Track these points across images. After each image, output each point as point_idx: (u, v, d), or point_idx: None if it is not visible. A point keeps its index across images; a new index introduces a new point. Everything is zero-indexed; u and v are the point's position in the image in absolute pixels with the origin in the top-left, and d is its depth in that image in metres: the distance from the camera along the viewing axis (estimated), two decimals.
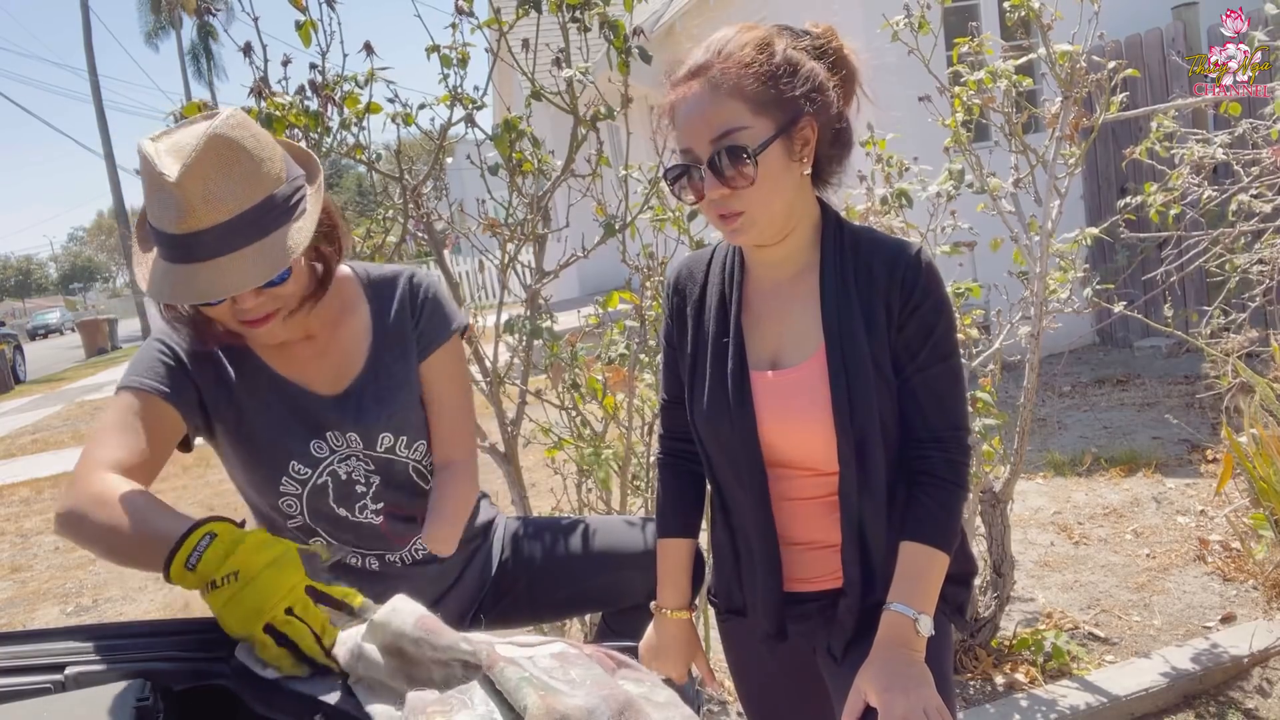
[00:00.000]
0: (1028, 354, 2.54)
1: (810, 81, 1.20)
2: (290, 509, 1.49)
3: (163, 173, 1.19)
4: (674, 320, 1.39)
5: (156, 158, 1.21)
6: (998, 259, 2.69)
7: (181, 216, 1.20)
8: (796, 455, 1.28)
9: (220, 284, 1.23)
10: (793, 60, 1.20)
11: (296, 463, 1.45)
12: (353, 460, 1.49)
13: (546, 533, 1.75)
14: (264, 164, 1.26)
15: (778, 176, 1.19)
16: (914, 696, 1.11)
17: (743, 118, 1.17)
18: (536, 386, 2.42)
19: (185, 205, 1.20)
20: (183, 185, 1.19)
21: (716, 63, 1.19)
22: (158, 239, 1.25)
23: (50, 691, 0.96)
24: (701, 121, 1.18)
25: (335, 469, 1.48)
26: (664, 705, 0.89)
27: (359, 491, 1.50)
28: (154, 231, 1.25)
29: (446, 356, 1.56)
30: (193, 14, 26.27)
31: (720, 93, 1.18)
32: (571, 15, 2.05)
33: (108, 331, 25.18)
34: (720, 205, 1.20)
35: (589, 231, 2.34)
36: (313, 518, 1.50)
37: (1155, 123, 2.81)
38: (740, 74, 1.17)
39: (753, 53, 1.18)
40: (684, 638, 1.44)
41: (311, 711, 0.93)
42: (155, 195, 1.22)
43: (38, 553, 5.36)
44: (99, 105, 26.29)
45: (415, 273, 1.57)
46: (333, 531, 1.52)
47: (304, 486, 1.47)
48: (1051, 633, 2.61)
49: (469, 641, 0.89)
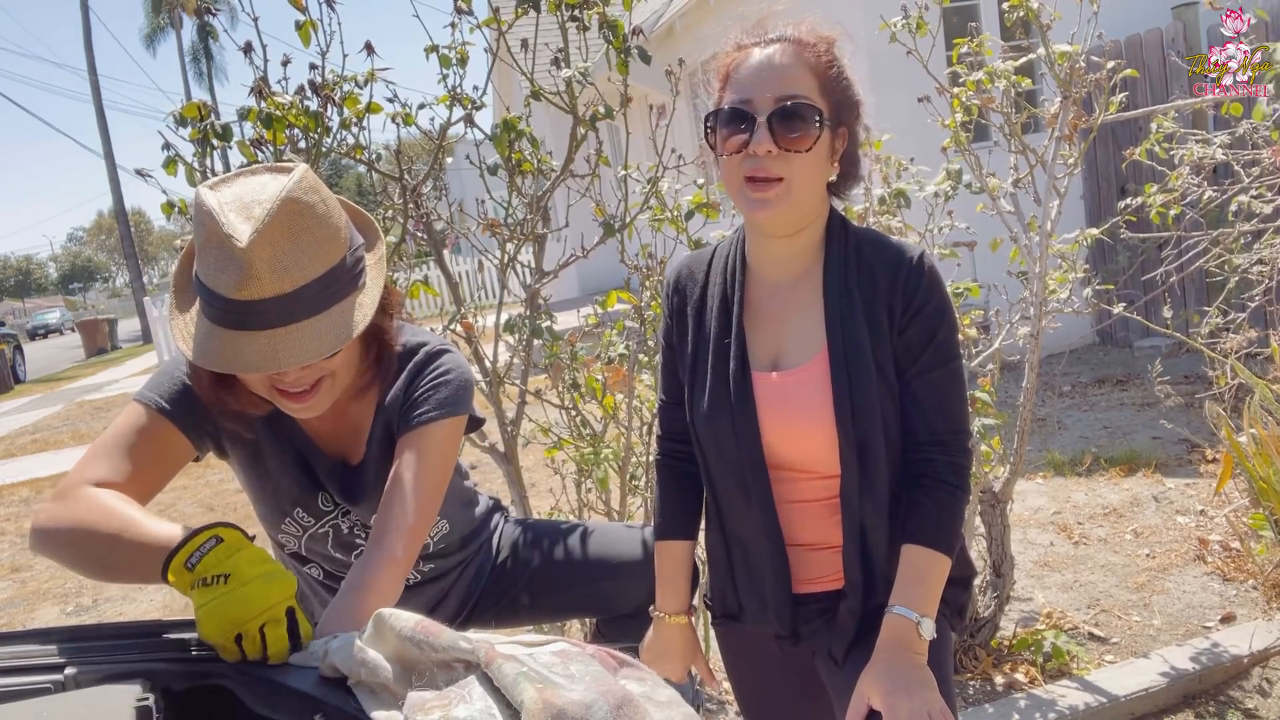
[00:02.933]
0: (1027, 354, 2.54)
1: (855, 97, 1.25)
2: (287, 543, 1.49)
3: (231, 235, 1.11)
4: (674, 320, 1.39)
5: (222, 214, 1.13)
6: (997, 259, 2.69)
7: (243, 283, 1.12)
8: (798, 457, 1.27)
9: (274, 357, 1.14)
10: (849, 72, 1.25)
11: (302, 510, 1.44)
12: (357, 522, 1.48)
13: (545, 538, 1.75)
14: (333, 233, 1.19)
15: (822, 161, 1.21)
16: (918, 699, 1.11)
17: (813, 95, 1.19)
18: (536, 386, 2.42)
19: (250, 272, 1.11)
20: (251, 251, 1.11)
21: (808, 39, 1.22)
22: (208, 298, 1.16)
23: (50, 691, 0.96)
24: (775, 78, 1.18)
25: (338, 523, 1.47)
26: (665, 704, 0.89)
27: (358, 543, 1.49)
28: (204, 290, 1.16)
29: (427, 438, 1.33)
30: (193, 14, 26.25)
31: (802, 63, 1.20)
32: (570, 15, 2.06)
33: (108, 331, 25.17)
34: (760, 166, 1.18)
35: (588, 231, 2.34)
36: (309, 553, 1.51)
37: (1155, 123, 2.81)
38: (823, 58, 1.21)
39: (827, 45, 1.23)
40: (684, 641, 1.43)
41: (311, 711, 0.93)
42: (215, 255, 1.13)
43: None
44: (99, 105, 26.27)
45: (442, 348, 1.43)
46: (327, 565, 1.53)
47: (304, 531, 1.47)
48: (1051, 633, 2.61)
49: (467, 640, 0.89)
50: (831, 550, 1.29)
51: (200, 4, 2.14)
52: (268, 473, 1.42)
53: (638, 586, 1.62)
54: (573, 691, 0.81)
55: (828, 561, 1.30)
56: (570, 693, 0.80)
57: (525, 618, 1.77)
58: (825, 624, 1.32)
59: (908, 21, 2.49)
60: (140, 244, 30.53)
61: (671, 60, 2.32)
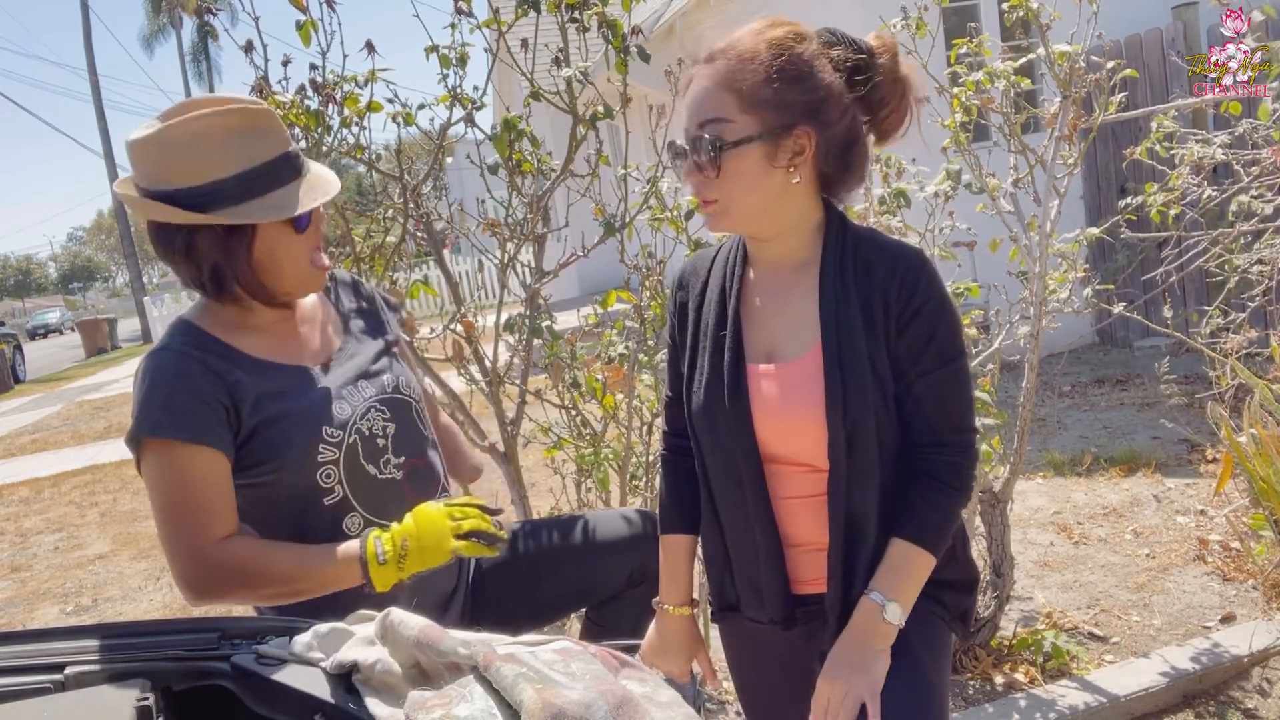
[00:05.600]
0: (1027, 354, 2.54)
1: (817, 93, 1.17)
2: (329, 479, 1.49)
3: (251, 107, 1.37)
4: (676, 316, 1.40)
5: (224, 103, 1.36)
6: (997, 259, 2.69)
7: (278, 139, 1.39)
8: (788, 450, 1.27)
9: (325, 189, 1.42)
10: (805, 67, 1.17)
11: (328, 427, 1.48)
12: (371, 413, 1.53)
13: (514, 537, 1.75)
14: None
15: (753, 176, 1.19)
16: (843, 685, 1.14)
17: (728, 111, 1.17)
18: (536, 386, 2.42)
19: (275, 128, 1.39)
20: (266, 112, 1.38)
21: (722, 52, 1.19)
22: (261, 173, 1.37)
23: (50, 691, 0.96)
24: (693, 105, 1.21)
25: (359, 426, 1.51)
26: (666, 705, 0.89)
27: (380, 445, 1.53)
28: (255, 170, 1.36)
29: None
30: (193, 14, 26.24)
31: (716, 81, 1.18)
32: (570, 15, 2.06)
33: (107, 331, 25.16)
34: (698, 190, 1.24)
35: (588, 231, 2.34)
36: (350, 485, 1.51)
37: (1155, 123, 2.81)
38: (738, 68, 1.17)
39: (763, 49, 1.17)
40: (686, 634, 1.43)
41: (312, 711, 0.93)
42: (242, 133, 1.35)
43: (37, 553, 5.36)
44: (99, 105, 26.28)
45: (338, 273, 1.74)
46: (365, 500, 1.52)
47: (339, 450, 1.49)
48: (1051, 633, 2.61)
49: (466, 645, 0.89)
50: (823, 552, 1.29)
51: (200, 4, 2.13)
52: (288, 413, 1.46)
53: (620, 560, 1.68)
54: (572, 691, 0.81)
55: (820, 564, 1.29)
56: (570, 692, 0.80)
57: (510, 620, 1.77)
58: (821, 626, 1.31)
59: (907, 22, 2.49)
60: (140, 244, 30.55)
61: (671, 60, 2.31)
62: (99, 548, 5.24)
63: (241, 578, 1.37)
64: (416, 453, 1.59)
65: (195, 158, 1.34)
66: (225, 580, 1.37)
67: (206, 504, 1.37)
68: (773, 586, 1.30)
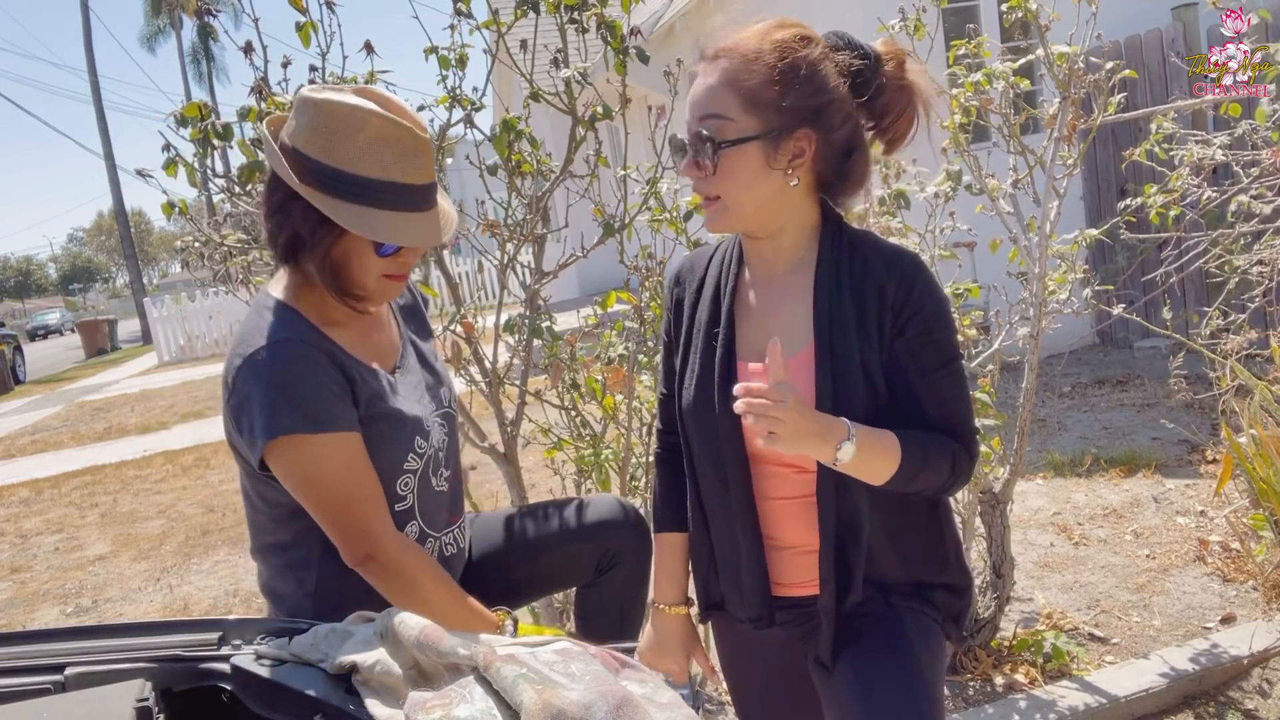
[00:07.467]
0: (1027, 355, 2.54)
1: (820, 97, 1.17)
2: (405, 487, 1.51)
3: (413, 127, 1.37)
4: (671, 312, 1.40)
5: (402, 115, 1.38)
6: (997, 260, 2.69)
7: (424, 170, 1.40)
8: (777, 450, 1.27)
9: (437, 232, 1.43)
10: (809, 70, 1.16)
11: (420, 438, 1.51)
12: (437, 427, 1.57)
13: (480, 526, 1.77)
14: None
15: (750, 177, 1.19)
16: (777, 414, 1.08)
17: (728, 110, 1.17)
18: (536, 387, 2.42)
19: (427, 160, 1.40)
20: (427, 141, 1.39)
21: (727, 50, 1.19)
22: (382, 189, 1.37)
23: (50, 691, 0.96)
24: (695, 101, 1.21)
25: (434, 438, 1.55)
26: (666, 706, 0.89)
27: (441, 459, 1.57)
28: (379, 183, 1.36)
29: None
30: (193, 15, 26.25)
31: (720, 79, 1.18)
32: (569, 16, 2.06)
33: (107, 332, 25.17)
34: (696, 186, 1.24)
35: (588, 232, 2.34)
36: (420, 496, 1.53)
37: (1155, 124, 2.81)
38: (741, 67, 1.17)
39: (768, 50, 1.16)
40: (683, 632, 1.43)
41: (311, 712, 0.93)
42: (396, 148, 1.36)
43: (37, 553, 5.36)
44: (99, 106, 26.28)
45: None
46: (424, 512, 1.55)
47: (421, 461, 1.52)
48: (1051, 633, 2.61)
49: (466, 646, 0.89)
50: (810, 554, 1.28)
51: (200, 5, 2.13)
52: (399, 415, 1.49)
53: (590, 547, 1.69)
54: (572, 691, 0.81)
55: (807, 566, 1.29)
56: (570, 693, 0.81)
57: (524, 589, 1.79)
58: (813, 629, 1.31)
59: (906, 23, 2.49)
60: (140, 245, 30.54)
61: (671, 61, 2.32)
62: (99, 548, 5.24)
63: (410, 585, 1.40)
64: (457, 465, 1.64)
65: (345, 144, 1.36)
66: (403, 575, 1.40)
67: (376, 485, 1.42)
68: (751, 586, 1.30)
